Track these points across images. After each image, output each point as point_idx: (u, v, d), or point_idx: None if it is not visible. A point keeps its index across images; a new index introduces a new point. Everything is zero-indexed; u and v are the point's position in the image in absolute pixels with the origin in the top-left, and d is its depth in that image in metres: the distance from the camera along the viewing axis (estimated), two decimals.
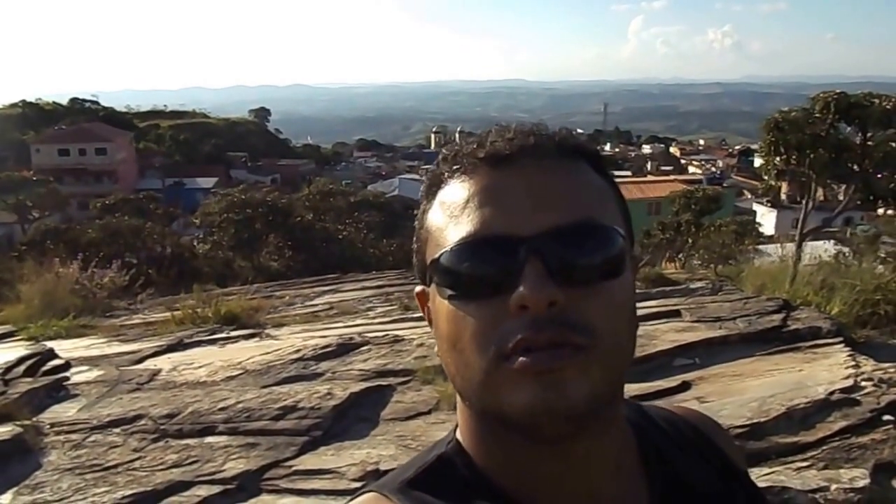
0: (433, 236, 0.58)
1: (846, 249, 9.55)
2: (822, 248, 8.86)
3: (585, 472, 0.58)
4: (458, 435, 0.63)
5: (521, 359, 0.52)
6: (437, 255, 0.56)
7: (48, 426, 3.18)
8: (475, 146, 0.59)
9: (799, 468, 2.38)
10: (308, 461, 2.72)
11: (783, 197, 33.63)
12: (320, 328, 4.88)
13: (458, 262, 0.55)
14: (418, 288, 0.63)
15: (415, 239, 0.63)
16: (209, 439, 2.93)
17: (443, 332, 0.57)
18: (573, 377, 0.52)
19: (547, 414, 0.51)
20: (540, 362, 0.51)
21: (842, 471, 2.35)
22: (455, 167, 0.59)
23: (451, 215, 0.57)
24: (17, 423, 3.14)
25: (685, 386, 3.23)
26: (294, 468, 2.66)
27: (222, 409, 3.15)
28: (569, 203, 0.55)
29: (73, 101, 71.30)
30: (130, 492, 2.53)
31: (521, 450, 0.57)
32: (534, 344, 0.51)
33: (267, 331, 4.90)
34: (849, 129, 11.65)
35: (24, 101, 66.35)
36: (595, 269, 0.54)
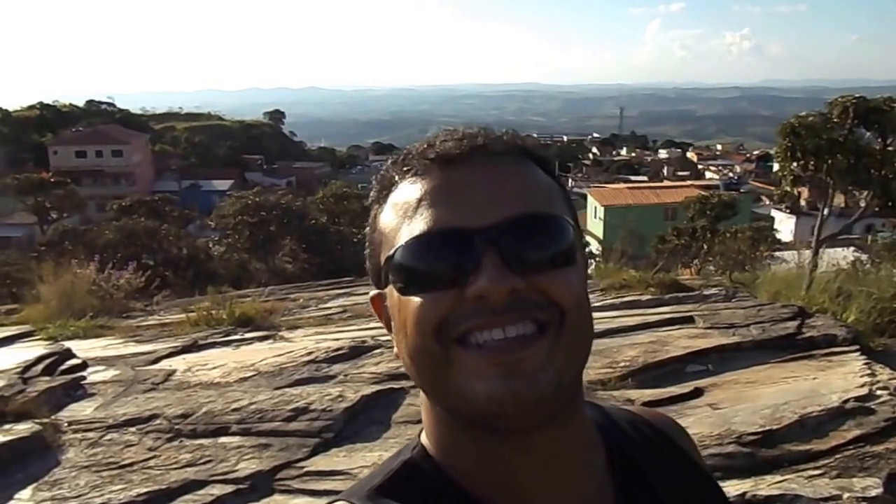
0: (387, 237, 0.59)
1: (864, 256, 9.42)
2: (841, 255, 8.74)
3: (551, 469, 0.58)
4: (424, 439, 0.63)
5: (482, 349, 0.52)
6: (391, 253, 0.57)
7: (66, 424, 3.23)
8: (425, 147, 0.59)
9: (811, 476, 2.36)
10: (320, 462, 2.74)
11: (802, 203, 33.26)
12: (333, 331, 4.91)
13: (413, 257, 0.55)
14: (373, 292, 0.63)
15: (367, 243, 0.63)
16: (223, 439, 2.96)
17: (399, 327, 0.57)
18: (538, 363, 0.52)
19: (513, 403, 0.51)
20: (503, 352, 0.51)
21: (854, 479, 2.33)
22: (405, 169, 0.59)
23: (403, 215, 0.57)
24: (36, 420, 3.21)
25: (697, 392, 3.21)
26: (306, 469, 2.68)
27: (236, 409, 3.18)
28: (520, 197, 0.56)
29: (90, 103, 72.14)
30: (145, 490, 2.57)
31: (487, 446, 0.57)
32: (494, 325, 0.52)
33: (281, 333, 4.93)
34: (868, 134, 11.52)
35: (41, 104, 67.23)
36: (550, 258, 0.55)
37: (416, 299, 0.55)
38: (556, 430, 0.56)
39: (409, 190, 0.58)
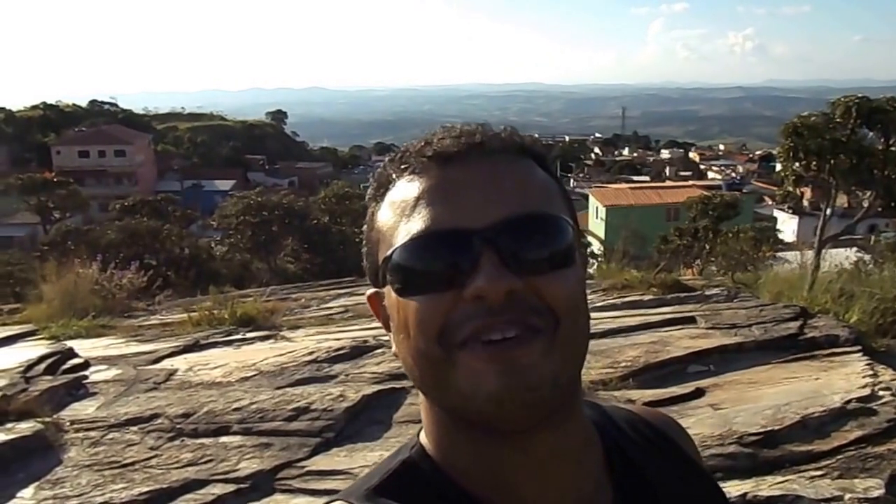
0: (385, 236, 0.58)
1: (867, 257, 9.38)
2: (844, 256, 8.71)
3: (549, 468, 0.58)
4: (422, 438, 0.63)
5: (479, 347, 0.52)
6: (389, 253, 0.56)
7: (68, 423, 3.24)
8: (422, 145, 0.59)
9: (812, 477, 2.35)
10: (321, 462, 2.75)
11: (805, 203, 33.16)
12: (335, 331, 4.91)
13: (411, 257, 0.55)
14: (370, 291, 0.63)
15: (364, 241, 0.62)
16: (224, 439, 2.97)
17: (400, 328, 0.57)
18: (535, 363, 0.52)
19: (510, 401, 0.51)
20: (501, 351, 0.51)
21: (856, 480, 2.32)
22: (403, 167, 0.59)
23: (402, 214, 0.57)
24: (39, 419, 3.22)
25: (699, 393, 3.20)
26: (307, 469, 2.69)
27: (237, 409, 3.19)
28: (518, 196, 0.56)
29: (92, 103, 72.20)
30: (147, 489, 2.57)
31: (486, 446, 0.57)
32: (492, 327, 0.51)
33: (282, 333, 4.94)
34: (871, 134, 11.49)
35: (44, 104, 67.35)
36: (548, 258, 0.54)
37: (416, 302, 0.54)
38: (555, 430, 0.56)
39: (406, 188, 0.58)
